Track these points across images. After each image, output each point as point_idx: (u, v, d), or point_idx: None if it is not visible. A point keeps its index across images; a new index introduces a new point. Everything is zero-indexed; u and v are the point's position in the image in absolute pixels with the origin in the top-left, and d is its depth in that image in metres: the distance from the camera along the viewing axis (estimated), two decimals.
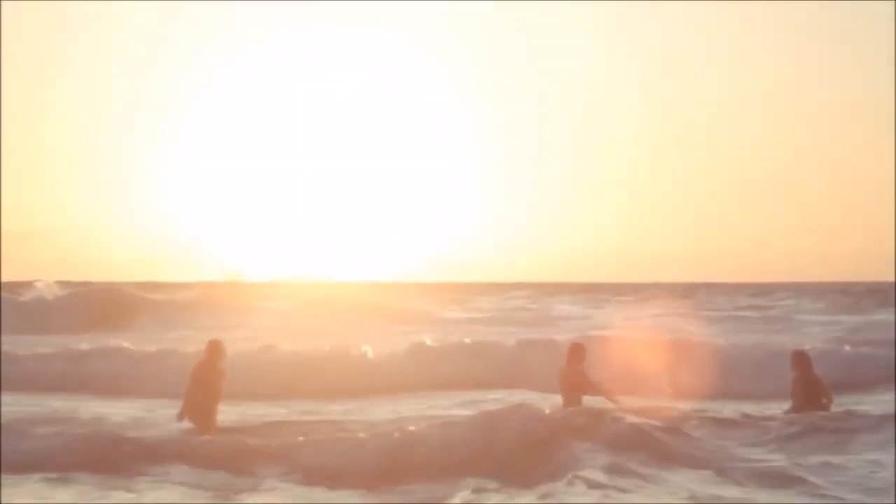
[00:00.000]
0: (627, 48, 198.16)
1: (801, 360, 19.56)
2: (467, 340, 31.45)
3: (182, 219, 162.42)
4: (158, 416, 20.90)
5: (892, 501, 12.76)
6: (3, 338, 35.42)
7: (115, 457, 15.19)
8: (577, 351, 19.86)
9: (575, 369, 19.63)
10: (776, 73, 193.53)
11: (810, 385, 19.27)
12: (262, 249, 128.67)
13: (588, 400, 19.28)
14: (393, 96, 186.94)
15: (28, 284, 55.30)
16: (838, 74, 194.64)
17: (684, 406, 20.93)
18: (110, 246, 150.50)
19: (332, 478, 14.31)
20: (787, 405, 19.77)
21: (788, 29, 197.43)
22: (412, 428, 15.51)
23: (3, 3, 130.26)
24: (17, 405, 22.72)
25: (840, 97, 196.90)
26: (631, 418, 15.93)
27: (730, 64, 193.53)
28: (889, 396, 24.01)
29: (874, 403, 22.50)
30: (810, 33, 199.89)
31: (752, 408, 21.53)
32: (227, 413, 20.03)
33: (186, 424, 18.65)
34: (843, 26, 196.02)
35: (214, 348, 19.23)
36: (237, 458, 15.20)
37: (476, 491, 12.61)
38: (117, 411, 22.26)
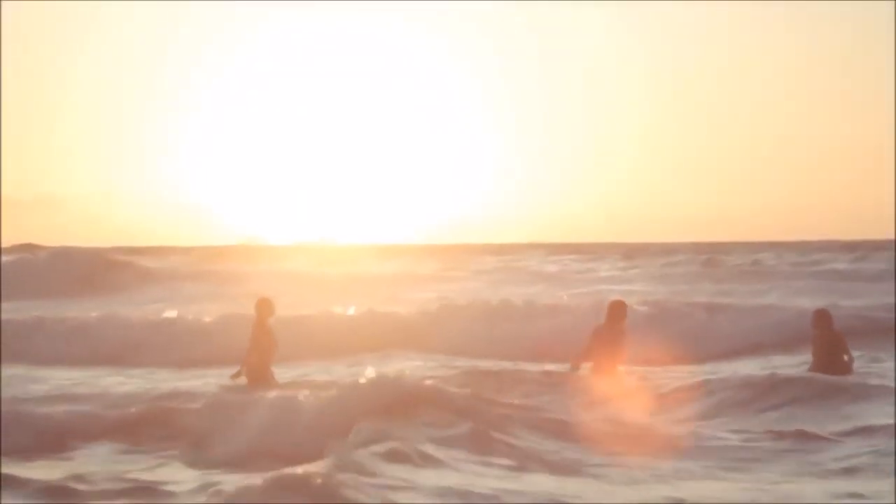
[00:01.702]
0: (636, 19, 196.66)
1: (822, 317, 19.13)
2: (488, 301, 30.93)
3: (201, 184, 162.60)
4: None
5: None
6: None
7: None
8: (619, 309, 18.61)
9: (616, 329, 18.41)
10: (779, 63, 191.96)
11: (832, 342, 18.84)
12: (281, 213, 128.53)
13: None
14: (406, 68, 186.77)
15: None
16: (838, 70, 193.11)
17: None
18: (128, 212, 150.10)
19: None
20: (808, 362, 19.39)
21: (789, 24, 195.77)
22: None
23: None
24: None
25: (839, 87, 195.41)
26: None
27: (732, 58, 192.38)
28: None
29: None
30: (809, 30, 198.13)
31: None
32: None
33: (237, 383, 18.46)
34: (843, 26, 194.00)
35: (263, 307, 19.00)
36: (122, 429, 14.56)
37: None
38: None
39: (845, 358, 18.77)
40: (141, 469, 12.36)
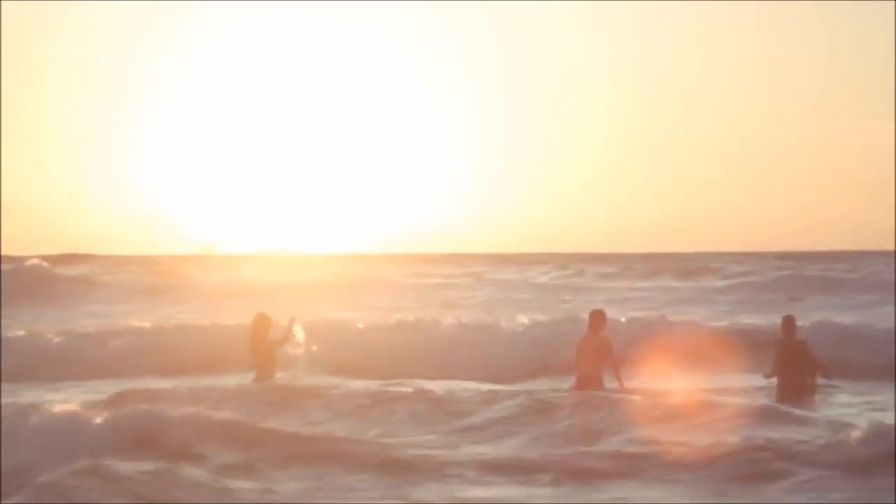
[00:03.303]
0: (602, 21, 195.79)
1: (784, 323, 18.98)
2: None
3: (162, 191, 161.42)
4: None
5: None
6: None
7: None
8: (600, 317, 18.86)
9: (600, 336, 18.63)
10: (766, 67, 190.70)
11: (792, 350, 18.59)
12: (235, 222, 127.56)
13: None
14: (365, 73, 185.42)
15: None
16: (833, 66, 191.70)
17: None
18: (87, 219, 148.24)
19: None
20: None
21: (777, 25, 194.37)
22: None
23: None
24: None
25: (831, 86, 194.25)
26: None
27: (719, 55, 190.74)
28: None
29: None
30: (801, 27, 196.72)
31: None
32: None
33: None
34: (843, 25, 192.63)
35: (257, 322, 19.36)
36: None
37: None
38: None
39: (809, 377, 18.42)
40: None
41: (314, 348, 25.63)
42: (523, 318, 29.41)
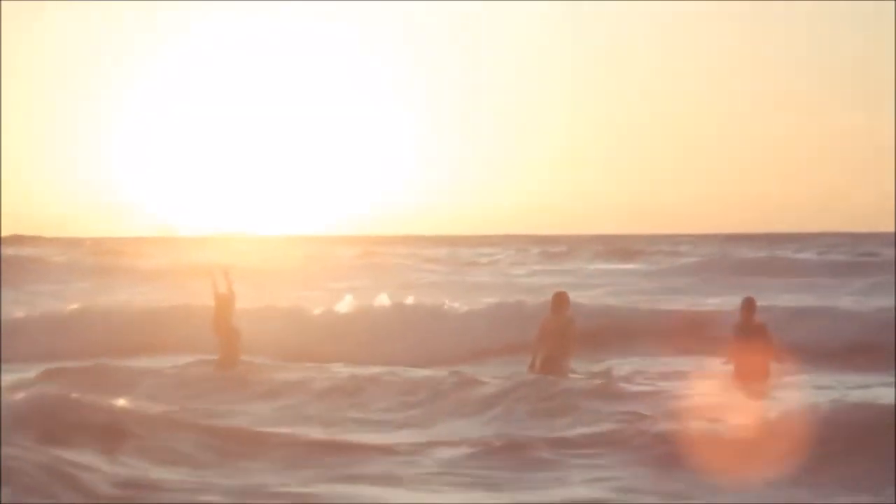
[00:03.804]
0: (570, 9, 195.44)
1: (743, 305, 18.55)
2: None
3: (120, 176, 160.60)
4: None
5: None
6: None
7: None
8: (564, 299, 18.60)
9: (564, 318, 18.39)
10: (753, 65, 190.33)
11: (750, 332, 18.17)
12: (192, 205, 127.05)
13: None
14: (326, 63, 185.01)
15: None
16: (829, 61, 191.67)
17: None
18: (42, 202, 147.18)
19: None
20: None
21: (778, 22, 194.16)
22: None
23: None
24: None
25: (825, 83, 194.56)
26: None
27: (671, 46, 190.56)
28: None
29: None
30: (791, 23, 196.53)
31: None
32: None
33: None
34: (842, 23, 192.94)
35: (219, 302, 19.67)
36: None
37: None
38: None
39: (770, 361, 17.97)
40: None
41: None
42: (475, 300, 29.17)
